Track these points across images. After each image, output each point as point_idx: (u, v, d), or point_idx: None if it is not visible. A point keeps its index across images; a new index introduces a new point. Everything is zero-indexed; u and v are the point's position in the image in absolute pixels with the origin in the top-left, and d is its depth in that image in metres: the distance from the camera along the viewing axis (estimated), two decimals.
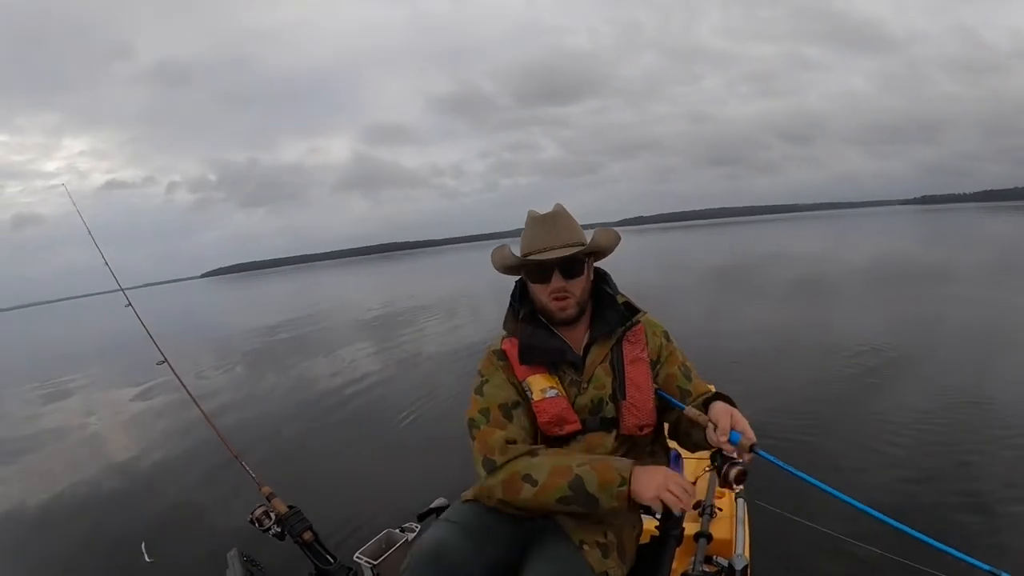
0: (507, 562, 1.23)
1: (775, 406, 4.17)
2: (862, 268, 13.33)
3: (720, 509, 1.84)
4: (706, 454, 2.12)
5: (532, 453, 1.24)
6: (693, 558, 1.53)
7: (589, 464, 1.18)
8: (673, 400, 1.34)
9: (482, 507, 1.29)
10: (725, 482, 1.17)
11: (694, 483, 1.36)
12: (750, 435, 1.14)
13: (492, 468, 1.23)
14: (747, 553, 1.68)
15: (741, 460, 1.17)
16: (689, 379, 1.37)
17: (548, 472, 1.18)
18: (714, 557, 1.60)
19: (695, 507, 1.77)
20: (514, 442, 1.25)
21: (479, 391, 1.33)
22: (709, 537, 1.60)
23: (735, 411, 1.18)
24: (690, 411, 1.24)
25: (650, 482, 1.14)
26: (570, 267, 1.30)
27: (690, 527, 1.62)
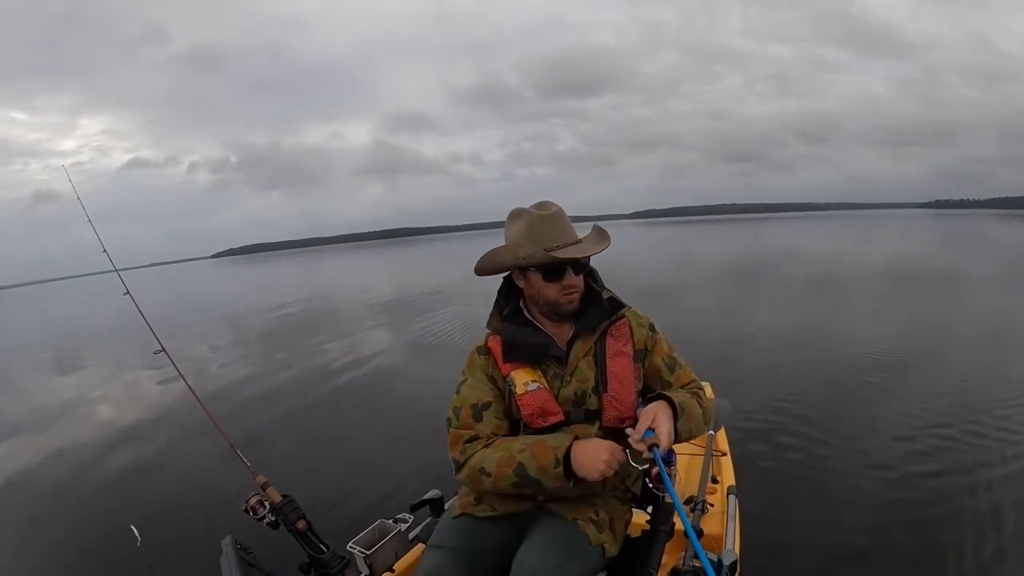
0: (503, 564, 1.27)
1: (775, 401, 4.21)
2: (875, 270, 13.27)
3: (711, 505, 1.85)
4: (700, 449, 2.14)
5: (487, 445, 1.30)
6: (683, 553, 1.54)
7: (528, 449, 1.24)
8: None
9: (470, 520, 1.36)
10: (649, 477, 1.24)
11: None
12: (660, 437, 1.15)
13: (457, 466, 1.32)
14: (737, 549, 1.69)
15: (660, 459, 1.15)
16: (672, 371, 1.41)
17: (496, 463, 1.25)
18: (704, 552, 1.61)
19: (687, 502, 1.78)
20: (474, 439, 1.31)
21: (458, 390, 1.38)
22: (700, 532, 1.61)
23: (659, 414, 1.19)
24: (638, 411, 1.29)
25: (594, 461, 1.18)
26: (582, 263, 1.34)
27: (680, 522, 1.63)
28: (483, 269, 1.37)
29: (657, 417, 1.18)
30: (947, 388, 4.35)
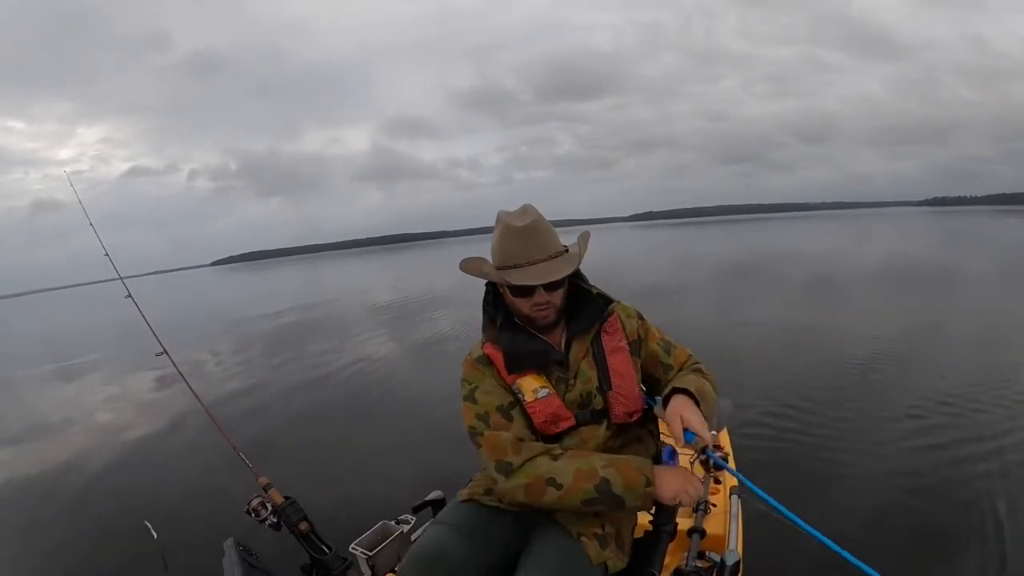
0: (505, 560, 1.26)
1: (777, 401, 4.22)
2: (874, 269, 13.23)
3: (714, 505, 1.85)
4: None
5: (549, 454, 1.24)
6: (686, 553, 1.53)
7: (613, 466, 1.21)
8: (648, 399, 1.40)
9: (479, 507, 1.33)
10: (707, 470, 1.23)
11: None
12: (703, 437, 1.17)
13: (509, 470, 1.22)
14: (740, 549, 1.69)
15: (716, 453, 1.25)
16: (669, 353, 1.42)
17: (572, 475, 1.19)
18: (707, 552, 1.61)
19: None
20: (523, 440, 1.26)
21: (471, 398, 1.32)
22: (703, 532, 1.61)
23: (685, 411, 1.20)
24: (657, 411, 1.32)
25: (671, 484, 1.20)
26: (554, 282, 1.28)
27: (683, 522, 1.63)
28: (464, 270, 1.36)
29: (684, 416, 1.19)
30: (952, 385, 4.33)
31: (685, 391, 1.26)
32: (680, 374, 1.37)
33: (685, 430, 1.18)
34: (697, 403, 1.24)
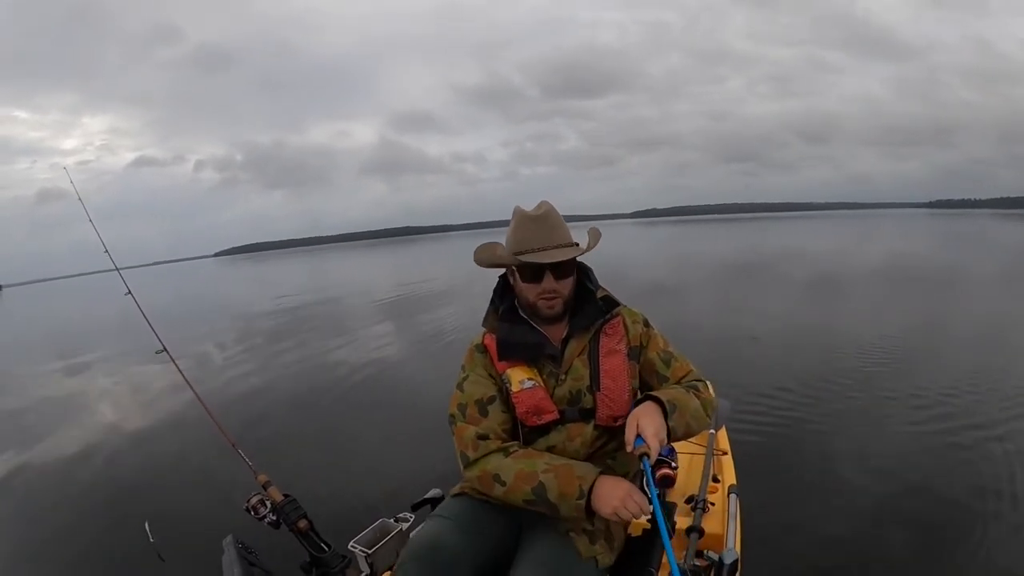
0: (500, 552, 1.29)
1: (777, 401, 4.21)
2: (876, 269, 13.22)
3: (712, 504, 1.85)
4: (701, 448, 2.15)
5: (504, 451, 1.29)
6: (684, 552, 1.54)
7: (554, 471, 1.21)
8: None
9: (472, 500, 1.36)
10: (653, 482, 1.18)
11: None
12: (649, 444, 1.15)
13: (467, 462, 1.30)
14: (738, 547, 1.69)
15: (669, 465, 1.26)
16: (668, 365, 1.42)
17: (514, 475, 1.23)
18: (705, 551, 1.62)
19: (688, 501, 1.79)
20: (486, 437, 1.30)
21: (460, 386, 1.38)
22: (701, 531, 1.62)
23: (643, 418, 1.20)
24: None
25: (609, 498, 1.16)
26: (562, 268, 1.33)
27: (682, 521, 1.63)
28: (478, 261, 1.41)
29: (641, 422, 1.19)
30: (954, 386, 4.33)
31: (657, 400, 1.25)
32: (671, 387, 1.37)
33: (638, 436, 1.17)
34: (666, 413, 1.23)
